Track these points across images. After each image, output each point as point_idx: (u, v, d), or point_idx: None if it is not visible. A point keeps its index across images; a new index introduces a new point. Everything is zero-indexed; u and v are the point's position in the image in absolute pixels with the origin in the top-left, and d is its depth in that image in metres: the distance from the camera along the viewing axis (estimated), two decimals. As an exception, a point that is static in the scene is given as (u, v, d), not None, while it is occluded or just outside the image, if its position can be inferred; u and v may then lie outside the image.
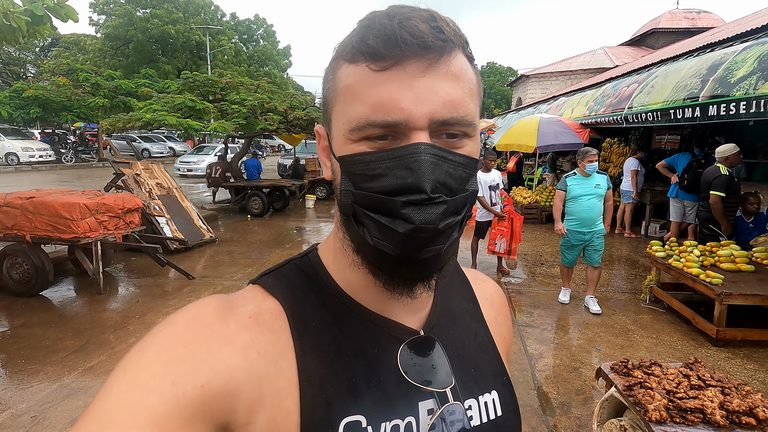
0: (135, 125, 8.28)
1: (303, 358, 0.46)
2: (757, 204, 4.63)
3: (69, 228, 4.50)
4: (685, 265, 4.10)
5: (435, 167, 0.40)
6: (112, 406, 0.37)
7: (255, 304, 0.49)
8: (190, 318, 0.44)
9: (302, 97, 11.82)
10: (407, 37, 0.40)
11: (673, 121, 5.15)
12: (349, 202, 0.44)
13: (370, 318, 0.50)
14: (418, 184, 0.39)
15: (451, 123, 0.42)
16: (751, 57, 4.24)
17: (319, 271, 0.53)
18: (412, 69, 0.40)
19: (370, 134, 0.42)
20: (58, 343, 3.68)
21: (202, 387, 0.40)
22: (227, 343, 0.43)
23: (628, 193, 7.37)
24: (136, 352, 0.41)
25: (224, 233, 7.97)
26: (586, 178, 4.24)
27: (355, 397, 0.46)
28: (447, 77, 0.41)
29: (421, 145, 0.40)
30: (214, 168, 10.40)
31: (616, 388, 2.22)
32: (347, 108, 0.43)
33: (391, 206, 0.40)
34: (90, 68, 14.01)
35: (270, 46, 34.83)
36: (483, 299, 0.64)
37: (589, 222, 4.22)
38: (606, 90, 7.94)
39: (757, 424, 1.86)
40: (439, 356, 0.51)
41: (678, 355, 3.53)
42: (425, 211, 0.40)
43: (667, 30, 15.90)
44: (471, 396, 0.52)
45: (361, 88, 0.42)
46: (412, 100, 0.40)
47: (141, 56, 26.85)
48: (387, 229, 0.41)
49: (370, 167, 0.42)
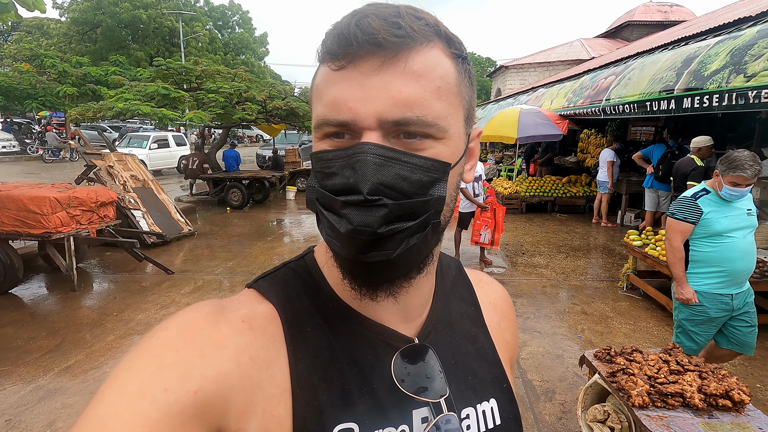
0: (106, 115, 7.96)
1: (296, 364, 0.46)
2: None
3: (39, 223, 4.30)
4: (660, 254, 4.24)
5: (378, 168, 0.39)
6: (104, 413, 0.37)
7: (249, 308, 0.48)
8: (183, 323, 0.44)
9: (281, 86, 11.59)
10: (359, 35, 0.39)
11: (650, 113, 5.29)
12: (312, 198, 0.44)
13: (365, 324, 0.50)
14: (356, 185, 0.38)
15: (404, 123, 0.40)
16: (723, 51, 4.37)
17: (314, 274, 0.52)
18: (365, 67, 0.40)
19: (328, 132, 0.42)
20: (31, 342, 3.54)
21: (195, 393, 0.39)
22: (220, 348, 0.43)
23: (604, 184, 7.56)
24: (128, 359, 0.41)
25: (203, 226, 7.79)
26: (727, 201, 2.48)
27: (348, 404, 0.45)
28: (404, 75, 0.40)
29: (366, 145, 0.39)
30: (191, 159, 10.13)
31: (599, 374, 2.28)
32: (314, 107, 0.44)
33: (336, 205, 0.40)
34: (55, 54, 13.33)
35: (246, 34, 33.96)
36: (486, 303, 0.63)
37: (742, 276, 2.50)
38: (584, 82, 8.08)
39: (732, 406, 1.95)
40: (434, 365, 0.50)
41: (654, 340, 3.66)
42: (363, 213, 0.38)
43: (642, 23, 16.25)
44: (468, 404, 0.52)
45: (323, 87, 0.43)
46: (361, 100, 0.40)
47: (110, 42, 25.73)
48: (334, 228, 0.40)
49: (327, 165, 0.42)
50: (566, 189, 8.92)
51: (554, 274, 5.30)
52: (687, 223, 2.51)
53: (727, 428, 1.85)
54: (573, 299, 4.54)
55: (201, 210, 9.27)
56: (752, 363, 3.29)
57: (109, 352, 3.41)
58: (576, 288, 4.86)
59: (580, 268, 5.52)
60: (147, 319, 3.99)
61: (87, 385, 2.96)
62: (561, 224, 7.96)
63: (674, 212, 2.56)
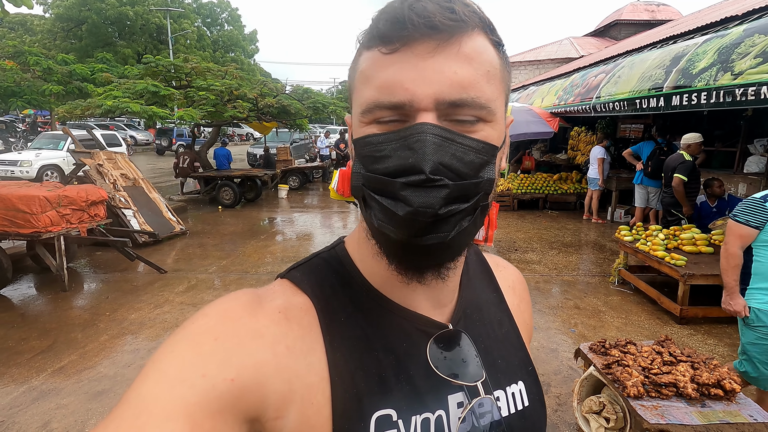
0: (95, 112, 7.84)
1: (333, 353, 0.46)
2: (721, 188, 4.91)
3: (28, 222, 4.23)
4: (651, 249, 4.31)
5: (438, 148, 0.39)
6: (145, 395, 0.38)
7: (284, 298, 0.48)
8: (222, 311, 0.45)
9: (272, 83, 11.51)
10: (414, 18, 0.39)
11: (639, 110, 5.36)
12: (359, 184, 0.44)
13: (398, 312, 0.50)
14: (417, 164, 0.38)
15: (460, 104, 0.40)
16: (711, 49, 4.45)
17: (345, 264, 0.53)
18: (420, 50, 0.40)
19: (379, 116, 0.42)
20: (22, 343, 3.49)
21: (232, 380, 0.40)
22: (257, 337, 0.43)
23: (595, 181, 7.65)
24: (169, 344, 0.42)
25: (195, 225, 7.72)
26: None
27: (385, 391, 0.46)
28: (458, 57, 0.40)
29: (425, 125, 0.39)
30: (181, 158, 10.02)
31: (594, 366, 2.32)
32: (361, 92, 0.44)
33: (392, 188, 0.40)
34: (39, 51, 13.06)
35: (236, 31, 33.65)
36: (506, 287, 0.64)
37: None
38: (575, 80, 8.16)
39: (724, 395, 2.00)
40: (469, 350, 0.51)
41: (645, 333, 3.73)
42: (424, 194, 0.38)
43: (629, 21, 16.42)
44: (499, 387, 0.53)
45: (373, 71, 0.42)
46: (417, 81, 0.40)
47: (96, 39, 25.28)
48: (389, 212, 0.40)
49: (378, 149, 0.41)
50: (557, 186, 9.01)
51: (547, 269, 5.36)
52: (749, 227, 2.17)
53: (719, 416, 1.89)
54: (566, 294, 4.60)
55: (192, 209, 9.19)
56: (740, 354, 3.37)
57: (103, 352, 3.37)
58: (568, 283, 4.92)
59: (572, 264, 5.59)
60: (140, 318, 3.95)
61: (81, 386, 2.92)
62: (553, 221, 8.05)
63: (736, 214, 2.24)
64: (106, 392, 2.86)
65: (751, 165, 6.12)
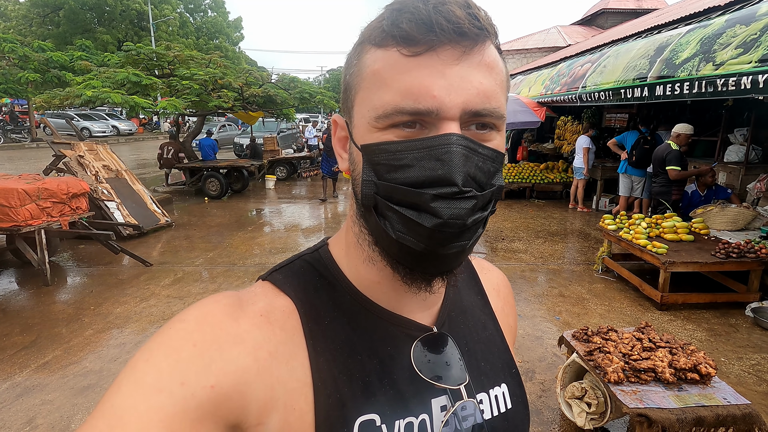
0: (74, 102, 7.63)
1: (316, 358, 0.46)
2: (713, 178, 5.03)
3: (7, 216, 4.14)
4: (634, 237, 4.40)
5: (466, 160, 0.39)
6: (121, 405, 0.37)
7: (266, 301, 0.47)
8: (201, 316, 0.43)
9: (258, 72, 11.31)
10: (443, 23, 0.38)
11: (624, 100, 5.41)
12: (371, 193, 0.42)
13: (383, 316, 0.50)
14: (449, 176, 0.38)
15: (483, 114, 0.41)
16: (694, 39, 4.50)
17: (330, 267, 0.52)
18: (446, 56, 0.39)
19: (398, 122, 0.40)
20: (4, 339, 3.43)
21: (212, 388, 0.39)
22: (238, 342, 0.42)
23: (580, 170, 7.74)
24: (145, 351, 0.41)
25: (181, 217, 7.62)
26: None
27: (369, 396, 0.46)
28: (480, 66, 0.40)
29: (453, 136, 0.39)
30: (165, 148, 9.85)
31: (577, 353, 2.38)
32: (374, 94, 0.41)
33: (418, 199, 0.39)
34: (14, 38, 12.61)
35: (220, 18, 32.86)
36: (490, 290, 0.64)
37: None
38: (561, 69, 8.19)
39: (700, 379, 2.07)
40: (452, 352, 0.51)
41: (627, 319, 3.82)
42: (455, 206, 0.38)
43: (616, 10, 16.50)
44: (482, 390, 0.53)
45: (391, 73, 0.40)
46: (445, 88, 0.39)
47: (74, 25, 24.47)
48: (412, 223, 0.39)
49: (397, 157, 0.40)
50: (544, 175, 9.09)
51: (533, 258, 5.44)
52: None
53: (695, 399, 1.96)
54: (551, 282, 4.68)
55: (178, 200, 9.06)
56: (717, 338, 3.48)
57: (88, 346, 3.34)
58: (554, 272, 5.00)
59: (557, 253, 5.67)
60: (126, 312, 3.91)
61: (66, 381, 2.90)
62: (539, 210, 8.14)
63: None
64: (92, 387, 2.84)
65: (731, 154, 6.24)
